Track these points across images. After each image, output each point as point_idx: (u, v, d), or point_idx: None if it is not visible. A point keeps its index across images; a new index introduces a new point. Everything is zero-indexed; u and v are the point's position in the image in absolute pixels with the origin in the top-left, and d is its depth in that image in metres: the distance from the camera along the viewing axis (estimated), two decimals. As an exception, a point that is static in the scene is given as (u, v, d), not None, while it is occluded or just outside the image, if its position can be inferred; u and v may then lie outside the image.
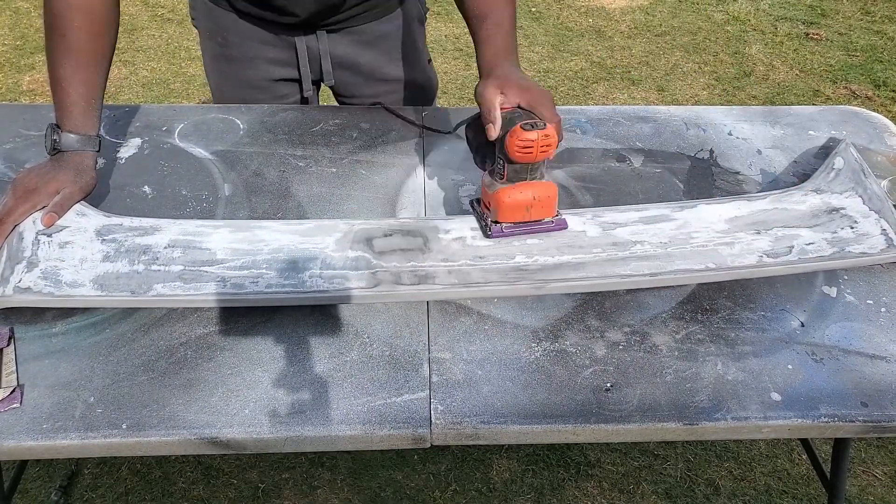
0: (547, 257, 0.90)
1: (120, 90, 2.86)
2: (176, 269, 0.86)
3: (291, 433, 0.75)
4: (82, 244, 0.89)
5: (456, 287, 0.86)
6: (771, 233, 0.94)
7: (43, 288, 0.83)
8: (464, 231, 0.93)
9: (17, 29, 3.22)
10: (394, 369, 0.81)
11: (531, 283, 0.86)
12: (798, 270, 0.90)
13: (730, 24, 3.36)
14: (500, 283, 0.86)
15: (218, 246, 0.90)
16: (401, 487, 1.55)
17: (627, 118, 1.22)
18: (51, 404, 0.76)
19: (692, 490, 1.56)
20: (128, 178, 1.05)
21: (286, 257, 0.89)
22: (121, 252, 0.88)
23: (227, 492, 1.53)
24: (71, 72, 0.93)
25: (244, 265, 0.87)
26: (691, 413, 0.77)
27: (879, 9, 3.46)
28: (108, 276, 0.85)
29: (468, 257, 0.90)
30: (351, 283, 0.85)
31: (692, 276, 0.88)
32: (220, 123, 1.16)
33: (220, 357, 0.81)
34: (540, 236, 0.92)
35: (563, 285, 0.87)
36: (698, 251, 0.91)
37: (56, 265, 0.86)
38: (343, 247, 0.90)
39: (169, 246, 0.89)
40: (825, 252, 0.91)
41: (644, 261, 0.89)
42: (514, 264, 0.89)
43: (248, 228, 0.93)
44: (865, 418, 0.77)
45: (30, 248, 0.87)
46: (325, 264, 0.88)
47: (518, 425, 0.76)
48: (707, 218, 0.96)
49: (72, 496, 1.51)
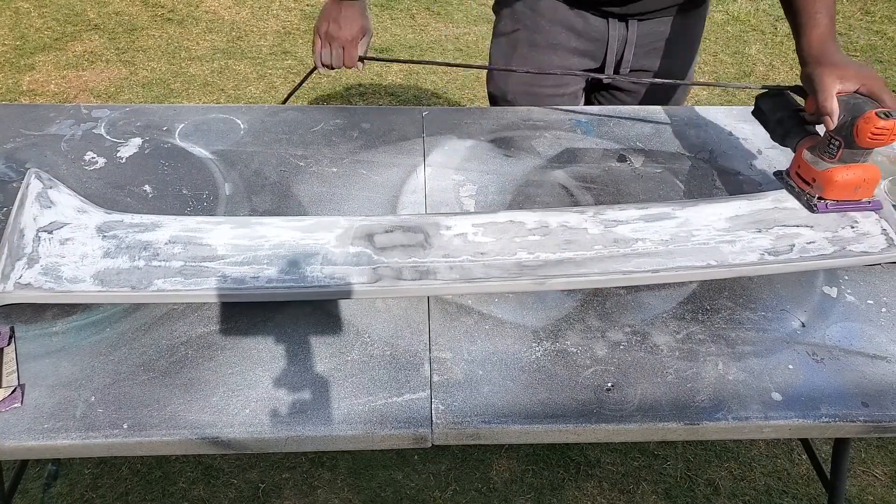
0: (549, 254, 0.90)
1: (120, 90, 2.86)
2: (176, 265, 0.87)
3: (292, 433, 0.75)
4: (83, 241, 0.89)
5: (457, 282, 0.86)
6: (772, 231, 0.94)
7: (44, 284, 0.83)
8: (465, 227, 0.93)
9: (17, 29, 3.22)
10: (395, 369, 0.81)
11: (532, 279, 0.86)
12: (799, 269, 0.91)
13: (730, 25, 3.36)
14: (502, 278, 0.86)
15: (219, 242, 0.90)
16: (401, 487, 1.55)
17: (628, 118, 1.22)
18: (51, 404, 0.76)
19: (692, 490, 1.56)
20: (128, 177, 1.05)
21: (287, 253, 0.89)
22: (121, 248, 0.88)
23: (227, 492, 1.53)
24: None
25: (245, 261, 0.88)
26: (692, 413, 0.77)
27: (879, 9, 3.46)
28: (109, 271, 0.85)
29: (469, 253, 0.90)
30: (352, 278, 0.86)
31: (693, 272, 0.89)
32: (220, 123, 1.16)
33: (220, 356, 0.81)
34: (540, 233, 0.92)
35: (564, 281, 0.87)
36: (699, 249, 0.91)
37: (57, 261, 0.86)
38: (344, 243, 0.90)
39: (170, 242, 0.90)
40: (826, 251, 0.91)
41: (645, 258, 0.89)
42: (515, 260, 0.89)
43: (248, 225, 0.93)
44: (866, 418, 0.77)
45: (30, 244, 0.87)
46: (326, 260, 0.88)
47: (519, 425, 0.76)
48: (708, 216, 0.97)
49: (72, 496, 1.51)
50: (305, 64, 3.07)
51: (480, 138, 1.16)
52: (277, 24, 3.36)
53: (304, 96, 2.88)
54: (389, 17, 3.39)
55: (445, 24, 3.28)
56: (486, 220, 0.95)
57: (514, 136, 1.16)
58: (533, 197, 1.04)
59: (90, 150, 1.09)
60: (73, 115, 1.16)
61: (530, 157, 1.12)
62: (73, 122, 1.14)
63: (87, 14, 3.37)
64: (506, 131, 1.18)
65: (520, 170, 1.09)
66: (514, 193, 1.05)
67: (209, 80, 2.96)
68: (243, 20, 3.39)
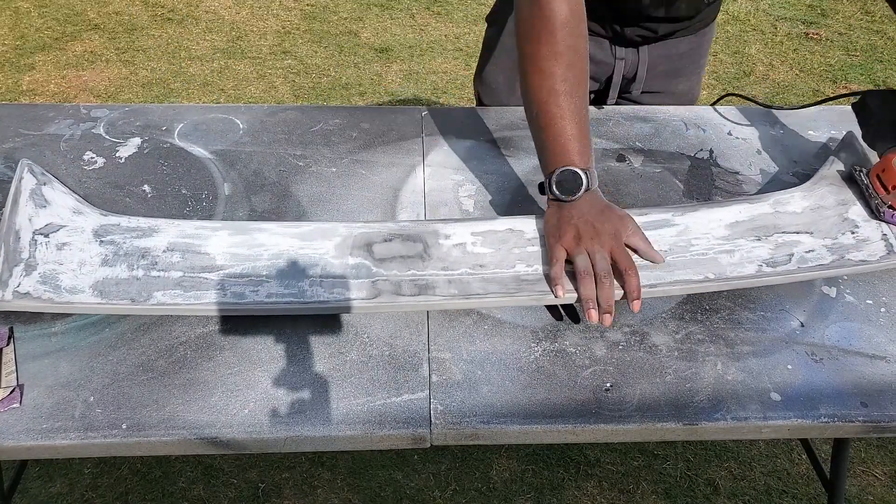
0: (546, 266, 0.88)
1: (120, 90, 2.86)
2: (175, 276, 0.86)
3: (291, 433, 0.75)
4: (80, 246, 0.88)
5: (456, 298, 0.85)
6: (771, 239, 0.93)
7: (42, 294, 0.82)
8: (464, 237, 0.92)
9: (17, 29, 3.22)
10: (393, 369, 0.81)
11: (530, 295, 0.85)
12: (796, 280, 0.90)
13: (730, 24, 3.36)
14: (500, 294, 0.85)
15: (217, 251, 0.89)
16: (401, 487, 1.55)
17: (627, 118, 1.22)
18: (50, 404, 0.76)
19: (692, 490, 1.56)
20: (128, 177, 1.05)
21: (286, 264, 0.88)
22: (119, 255, 0.88)
23: (227, 492, 1.53)
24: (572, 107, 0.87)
25: (244, 272, 0.87)
26: (691, 413, 0.77)
27: (879, 9, 3.46)
28: (108, 281, 0.84)
29: (468, 265, 0.88)
30: (351, 292, 0.85)
31: (691, 287, 0.87)
32: (219, 123, 1.16)
33: (219, 357, 0.81)
34: (539, 242, 0.91)
35: (562, 298, 0.86)
36: (698, 260, 0.90)
37: (55, 268, 0.85)
38: (343, 252, 0.90)
39: (168, 250, 0.89)
40: (825, 260, 0.90)
41: (644, 271, 0.87)
42: (513, 273, 0.87)
43: (246, 231, 0.92)
44: (865, 418, 0.77)
45: (27, 248, 0.86)
46: (325, 271, 0.87)
47: (518, 425, 0.76)
48: (708, 223, 0.95)
49: (72, 496, 1.51)
50: (305, 64, 3.07)
51: (480, 138, 1.16)
52: (277, 23, 3.37)
53: (304, 96, 2.88)
54: (389, 17, 3.39)
55: (445, 24, 3.28)
56: (485, 229, 0.93)
57: (513, 136, 1.16)
58: (533, 197, 1.04)
59: (89, 149, 1.09)
60: (73, 114, 1.16)
61: (530, 157, 1.12)
62: (72, 122, 1.14)
63: (86, 14, 3.37)
64: (505, 131, 1.17)
65: (519, 170, 1.09)
66: (514, 193, 1.05)
67: (209, 79, 2.96)
68: (243, 20, 3.39)
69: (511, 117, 1.21)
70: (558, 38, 0.86)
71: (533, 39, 0.87)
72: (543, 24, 0.86)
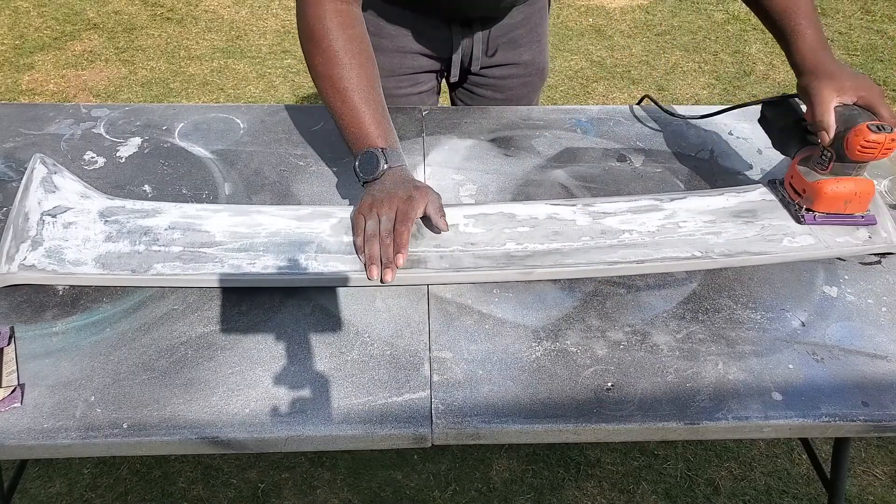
0: (536, 244, 0.92)
1: (120, 90, 2.86)
2: (175, 250, 0.89)
3: (292, 432, 0.75)
4: (86, 224, 0.92)
5: (447, 272, 0.88)
6: (759, 223, 0.95)
7: (47, 266, 0.86)
8: (457, 218, 0.95)
9: (16, 28, 3.22)
10: (394, 369, 0.81)
11: (520, 269, 0.88)
12: (784, 260, 0.93)
13: (730, 24, 3.36)
14: (491, 268, 0.88)
15: (217, 229, 0.93)
16: (401, 487, 1.55)
17: (627, 118, 1.22)
18: (51, 404, 0.76)
19: (692, 490, 1.56)
20: (128, 177, 1.05)
21: (283, 241, 0.91)
22: (123, 233, 0.91)
23: (227, 492, 1.53)
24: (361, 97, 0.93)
25: (242, 247, 0.90)
26: (692, 413, 0.77)
27: (879, 8, 3.46)
28: (110, 255, 0.88)
29: (460, 243, 0.92)
30: (345, 266, 0.88)
31: (679, 263, 0.89)
32: (220, 123, 1.16)
33: (220, 356, 0.81)
34: (529, 224, 0.93)
35: (551, 271, 0.89)
36: (685, 240, 0.93)
37: (60, 244, 0.89)
38: (338, 232, 0.93)
39: (170, 228, 0.92)
40: (809, 242, 0.93)
41: (631, 248, 0.90)
42: (504, 251, 0.91)
43: (246, 213, 0.95)
44: (866, 418, 0.77)
45: (35, 227, 0.90)
46: (321, 248, 0.90)
47: (519, 425, 0.76)
48: (695, 208, 0.98)
49: (71, 496, 1.51)
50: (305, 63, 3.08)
51: (480, 138, 1.16)
52: (277, 23, 3.36)
53: (304, 96, 2.88)
54: (389, 16, 3.38)
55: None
56: (477, 212, 0.97)
57: (513, 136, 1.16)
58: (533, 196, 1.04)
59: (90, 149, 1.09)
60: (73, 114, 1.16)
61: (530, 157, 1.12)
62: (72, 122, 1.14)
63: (86, 13, 3.37)
64: (505, 131, 1.17)
65: (519, 169, 1.09)
66: (514, 193, 1.05)
67: (208, 79, 2.96)
68: (243, 19, 3.39)
69: (511, 117, 1.21)
70: (330, 43, 0.92)
71: (309, 49, 0.94)
72: (312, 33, 0.93)
